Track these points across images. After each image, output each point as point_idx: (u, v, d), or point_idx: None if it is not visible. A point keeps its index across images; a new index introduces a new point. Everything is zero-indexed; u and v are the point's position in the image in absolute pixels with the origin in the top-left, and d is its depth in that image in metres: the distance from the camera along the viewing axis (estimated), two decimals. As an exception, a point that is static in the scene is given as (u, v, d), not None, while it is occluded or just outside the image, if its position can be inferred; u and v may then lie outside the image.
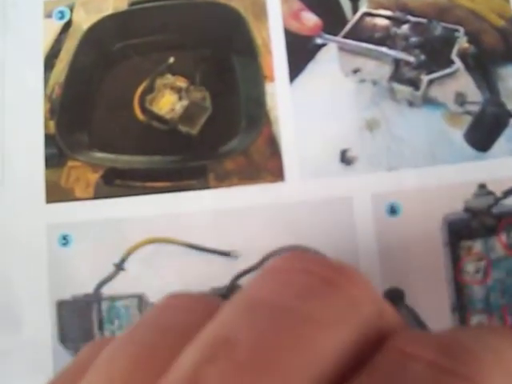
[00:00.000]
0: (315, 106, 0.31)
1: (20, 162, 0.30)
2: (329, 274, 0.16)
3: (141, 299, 0.30)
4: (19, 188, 0.31)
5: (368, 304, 0.16)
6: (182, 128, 0.31)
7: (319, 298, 0.16)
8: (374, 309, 0.16)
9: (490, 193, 0.30)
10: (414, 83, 0.31)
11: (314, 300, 0.16)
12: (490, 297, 0.30)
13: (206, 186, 0.31)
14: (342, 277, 0.16)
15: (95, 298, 0.30)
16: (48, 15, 0.33)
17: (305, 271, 0.16)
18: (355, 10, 0.32)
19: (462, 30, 0.32)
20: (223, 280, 0.30)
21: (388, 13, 0.32)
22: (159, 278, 0.30)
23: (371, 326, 0.17)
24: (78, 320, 0.30)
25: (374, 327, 0.17)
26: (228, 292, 0.30)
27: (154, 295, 0.30)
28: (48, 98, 0.32)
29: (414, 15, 0.32)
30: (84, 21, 0.33)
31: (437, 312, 0.30)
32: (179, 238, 0.30)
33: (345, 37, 0.32)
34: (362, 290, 0.16)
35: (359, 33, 0.32)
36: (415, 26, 0.32)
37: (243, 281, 0.30)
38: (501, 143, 0.31)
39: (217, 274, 0.30)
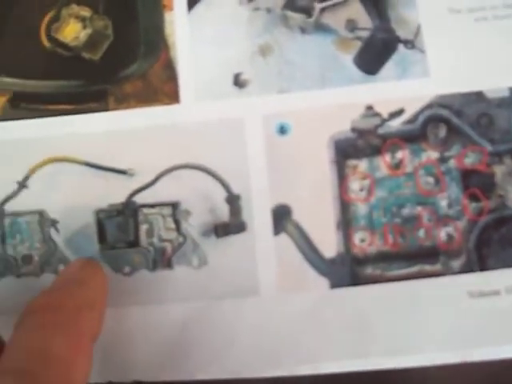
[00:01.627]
0: (211, 34, 0.33)
1: None
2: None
3: (42, 215, 0.31)
4: None
5: None
6: (85, 54, 0.33)
7: None
8: None
9: (377, 114, 0.31)
10: (307, 11, 0.32)
11: None
12: (372, 214, 0.31)
13: (106, 109, 0.32)
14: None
15: (-3, 214, 0.31)
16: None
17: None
18: None
19: (354, -40, 0.33)
20: (120, 197, 0.31)
21: None
22: (60, 195, 0.31)
23: None
24: (-19, 234, 0.31)
25: None
26: (124, 208, 0.31)
27: (55, 211, 0.31)
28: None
29: None
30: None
31: (322, 228, 0.31)
32: (79, 158, 0.31)
33: (241, -32, 0.33)
34: None
35: (256, -37, 0.33)
36: (309, -43, 0.33)
37: (138, 197, 0.31)
38: (389, 67, 0.32)
39: (114, 191, 0.31)
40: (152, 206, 0.31)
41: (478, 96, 0.31)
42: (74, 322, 0.25)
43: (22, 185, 0.31)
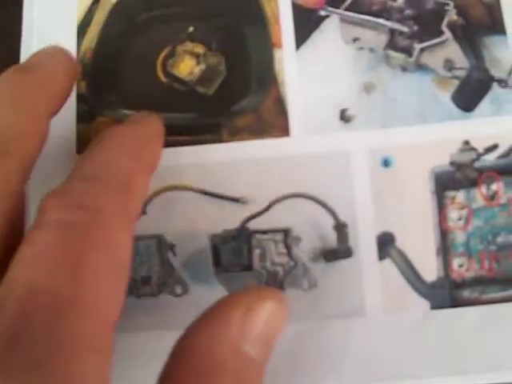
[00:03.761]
0: (318, 71, 0.35)
1: (55, 119, 0.33)
2: None
3: (160, 239, 0.34)
4: (53, 141, 0.34)
5: None
6: (200, 89, 0.35)
7: None
8: None
9: (473, 149, 0.34)
10: (408, 51, 0.35)
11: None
12: (469, 242, 0.33)
13: (220, 140, 0.35)
14: None
15: (120, 237, 0.34)
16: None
17: None
18: (356, -15, 0.36)
19: (451, 3, 0.35)
20: (233, 224, 0.34)
21: (385, -12, 0.36)
22: (176, 221, 0.34)
23: None
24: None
25: None
26: (238, 233, 0.33)
27: (172, 236, 0.34)
28: (80, 61, 0.36)
29: (408, -10, 0.35)
30: (112, -6, 0.37)
31: (423, 254, 0.33)
32: (195, 186, 0.34)
33: (346, 9, 0.36)
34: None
35: (359, 6, 0.36)
36: (409, 0, 0.35)
37: (251, 224, 0.34)
38: (484, 105, 0.34)
39: (228, 218, 0.34)
40: (264, 232, 0.34)
41: None
42: (142, 148, 0.29)
43: (142, 211, 0.34)
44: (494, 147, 0.34)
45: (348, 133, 0.34)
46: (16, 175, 0.26)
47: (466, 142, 0.34)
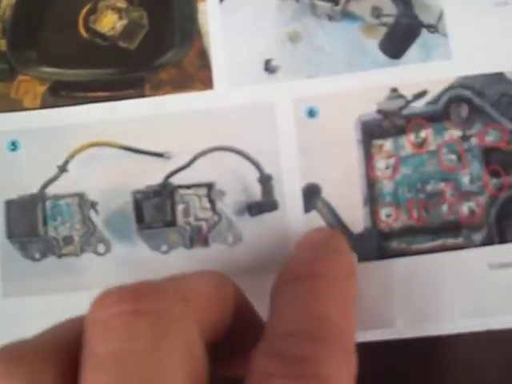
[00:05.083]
0: (242, 22, 0.34)
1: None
2: (134, 307, 0.19)
3: (81, 197, 0.33)
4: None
5: (174, 305, 0.20)
6: (122, 44, 0.34)
7: (140, 330, 0.19)
8: (179, 305, 0.21)
9: (401, 96, 0.33)
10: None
11: (138, 335, 0.19)
12: (397, 191, 0.32)
13: (143, 95, 0.34)
14: (143, 301, 0.20)
15: (40, 197, 0.33)
16: None
17: (117, 315, 0.19)
18: None
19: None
20: (157, 179, 0.33)
21: None
22: (98, 178, 0.33)
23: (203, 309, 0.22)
24: (24, 218, 0.33)
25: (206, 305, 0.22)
26: (161, 189, 0.32)
27: (94, 194, 0.33)
28: (0, 19, 0.35)
29: None
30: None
31: (350, 205, 0.32)
32: (117, 142, 0.33)
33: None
34: (162, 299, 0.20)
35: (284, -44, 0.35)
36: None
37: (175, 179, 0.33)
38: (412, 51, 0.33)
39: (151, 173, 0.33)
40: (188, 186, 0.33)
41: (499, 77, 0.33)
42: (343, 291, 0.24)
43: (62, 169, 0.33)
44: (423, 93, 0.33)
45: (273, 84, 0.33)
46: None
47: (394, 90, 0.33)
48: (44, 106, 0.34)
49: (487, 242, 0.31)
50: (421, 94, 0.32)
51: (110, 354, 0.18)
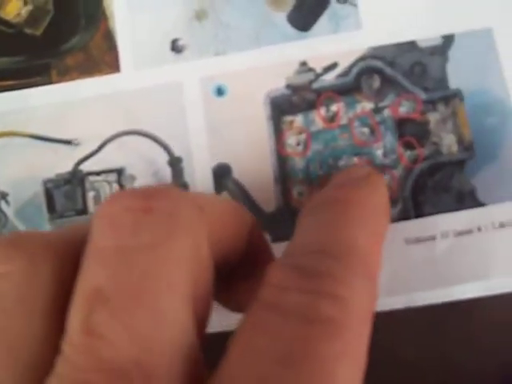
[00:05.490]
0: (147, 2, 0.33)
1: None
2: (144, 204, 0.18)
3: (-8, 189, 0.32)
4: None
5: (187, 208, 0.19)
6: (28, 30, 0.34)
7: (147, 227, 0.18)
8: (193, 210, 0.19)
9: (311, 69, 0.32)
10: (239, -27, 0.33)
11: (144, 231, 0.18)
12: (309, 168, 0.31)
13: (50, 82, 0.33)
14: (155, 199, 0.18)
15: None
16: None
17: (126, 210, 0.18)
18: None
19: None
20: (67, 167, 0.32)
21: None
22: (8, 168, 0.32)
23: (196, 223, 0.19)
24: None
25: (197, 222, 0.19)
26: (71, 177, 0.32)
27: (4, 184, 0.32)
28: None
29: None
30: None
31: (261, 184, 0.31)
32: (24, 131, 0.32)
33: None
34: (175, 201, 0.19)
35: None
36: None
37: (85, 166, 0.32)
38: (322, 23, 0.32)
39: (61, 161, 0.32)
40: (98, 173, 0.32)
41: (411, 45, 0.32)
42: (375, 223, 0.23)
43: (-25, 160, 0.32)
44: (333, 66, 0.32)
45: (180, 64, 0.32)
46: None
47: (303, 63, 0.32)
48: (-50, 98, 0.33)
49: (403, 216, 0.30)
50: (331, 67, 0.32)
51: (113, 247, 0.17)
